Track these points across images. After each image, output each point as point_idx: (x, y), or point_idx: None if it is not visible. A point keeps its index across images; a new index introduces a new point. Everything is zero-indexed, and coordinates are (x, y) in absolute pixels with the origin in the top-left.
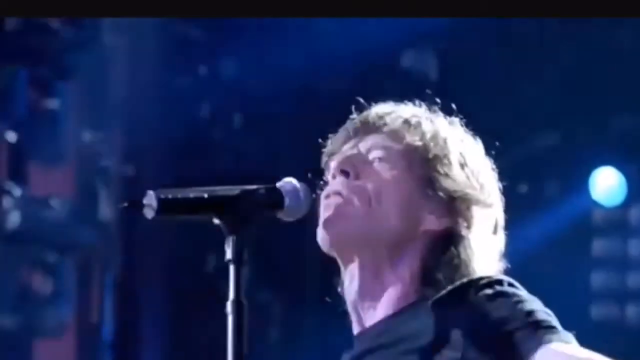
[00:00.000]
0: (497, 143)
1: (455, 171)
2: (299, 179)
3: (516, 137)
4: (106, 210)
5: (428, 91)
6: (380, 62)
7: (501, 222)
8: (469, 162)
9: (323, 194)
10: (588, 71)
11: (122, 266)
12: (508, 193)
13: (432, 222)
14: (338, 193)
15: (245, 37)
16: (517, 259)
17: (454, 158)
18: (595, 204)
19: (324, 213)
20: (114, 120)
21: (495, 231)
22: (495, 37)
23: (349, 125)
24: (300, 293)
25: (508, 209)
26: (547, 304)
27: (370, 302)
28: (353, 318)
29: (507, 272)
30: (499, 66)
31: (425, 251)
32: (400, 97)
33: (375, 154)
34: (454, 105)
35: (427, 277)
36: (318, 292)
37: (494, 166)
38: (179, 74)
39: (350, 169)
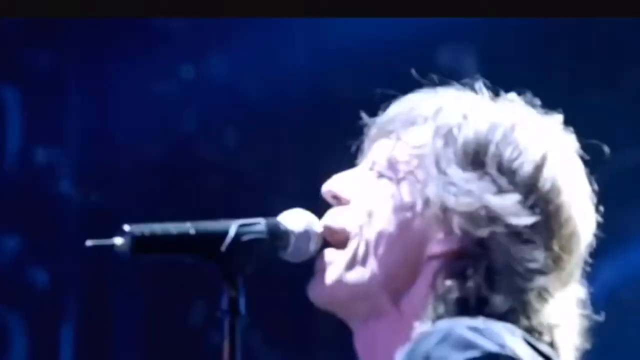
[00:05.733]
0: None
1: (460, 174)
2: (308, 208)
3: (590, 155)
4: (64, 248)
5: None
6: (404, 63)
7: (568, 251)
8: (490, 156)
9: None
10: None
11: (84, 317)
12: None
13: (437, 244)
14: (332, 230)
15: (241, 29)
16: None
17: (459, 155)
18: None
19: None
20: (75, 134)
21: (553, 261)
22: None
23: (369, 130)
24: (312, 350)
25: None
26: None
27: (373, 354)
28: None
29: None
30: (560, 71)
31: (432, 282)
32: None
33: (377, 167)
34: None
35: (431, 314)
36: (334, 348)
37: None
38: (157, 75)
39: (339, 193)
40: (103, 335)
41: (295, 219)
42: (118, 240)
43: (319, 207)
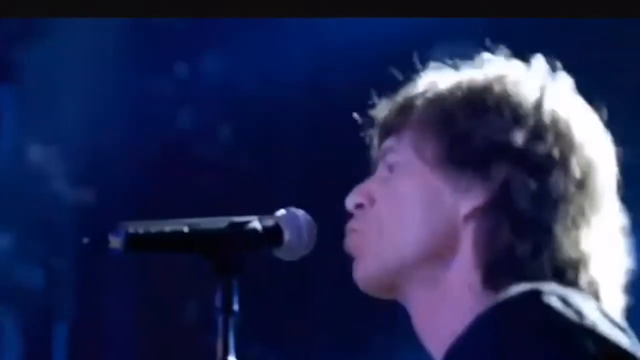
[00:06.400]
0: None
1: (463, 125)
2: (302, 207)
3: None
4: (58, 246)
5: None
6: (399, 60)
7: (591, 172)
8: (489, 104)
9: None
10: None
11: (78, 315)
12: None
13: (465, 202)
14: (353, 230)
15: (236, 28)
16: None
17: (459, 112)
18: None
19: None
20: (68, 132)
21: (576, 186)
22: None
23: (369, 136)
24: (303, 347)
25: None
26: None
27: (432, 336)
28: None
29: None
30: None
31: (473, 242)
32: None
33: (389, 162)
34: None
35: (487, 278)
36: (325, 345)
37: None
38: (152, 73)
39: (361, 199)
40: (96, 334)
41: (289, 218)
42: (112, 238)
43: (315, 205)
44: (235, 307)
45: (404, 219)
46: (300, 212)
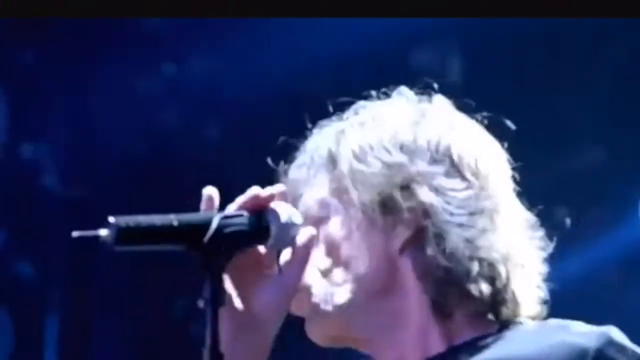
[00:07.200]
0: (526, 161)
1: (370, 166)
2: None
3: (552, 152)
4: (49, 240)
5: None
6: (382, 61)
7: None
8: (382, 145)
9: None
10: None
11: (69, 309)
12: (542, 219)
13: (399, 238)
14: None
15: (222, 29)
16: (552, 298)
17: (362, 156)
18: None
19: None
20: (60, 130)
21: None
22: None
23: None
24: (286, 337)
25: (541, 238)
26: None
27: None
28: None
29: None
30: (530, 69)
31: (416, 269)
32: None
33: (311, 218)
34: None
35: (436, 299)
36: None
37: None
38: (140, 73)
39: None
40: (87, 327)
41: (275, 212)
42: (103, 232)
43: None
44: (224, 299)
45: (343, 266)
46: (286, 206)
